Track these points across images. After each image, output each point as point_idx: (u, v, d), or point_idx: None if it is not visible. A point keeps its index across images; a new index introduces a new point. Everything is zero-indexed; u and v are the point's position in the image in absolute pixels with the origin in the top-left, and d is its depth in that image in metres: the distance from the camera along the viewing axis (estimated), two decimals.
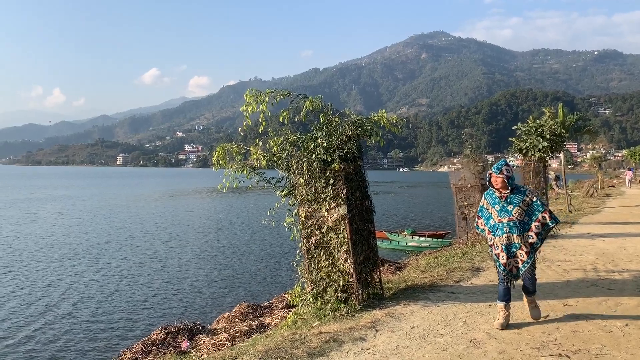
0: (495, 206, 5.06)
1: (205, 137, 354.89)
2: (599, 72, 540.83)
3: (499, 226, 4.99)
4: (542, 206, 4.97)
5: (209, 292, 13.50)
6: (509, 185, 4.98)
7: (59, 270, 16.13)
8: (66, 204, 43.04)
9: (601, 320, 5.29)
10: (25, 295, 13.22)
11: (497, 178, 4.97)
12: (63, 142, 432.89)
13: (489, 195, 5.17)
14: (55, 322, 10.99)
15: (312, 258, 6.21)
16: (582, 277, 7.44)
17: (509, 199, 4.98)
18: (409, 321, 5.45)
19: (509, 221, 4.93)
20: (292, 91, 6.46)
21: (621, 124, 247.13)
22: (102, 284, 14.41)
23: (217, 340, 6.81)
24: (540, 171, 14.38)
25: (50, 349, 9.47)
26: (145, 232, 25.26)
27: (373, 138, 6.47)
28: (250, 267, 16.74)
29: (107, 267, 16.73)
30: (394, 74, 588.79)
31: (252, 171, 6.66)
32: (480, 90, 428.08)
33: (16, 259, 17.86)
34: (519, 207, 4.93)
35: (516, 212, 4.92)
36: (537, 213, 4.95)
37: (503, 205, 4.99)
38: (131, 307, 12.15)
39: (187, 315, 11.08)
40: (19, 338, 10.01)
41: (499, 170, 4.96)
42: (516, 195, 4.99)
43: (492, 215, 5.10)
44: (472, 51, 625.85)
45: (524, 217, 4.94)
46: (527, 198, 4.98)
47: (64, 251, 19.58)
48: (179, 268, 16.58)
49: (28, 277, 15.12)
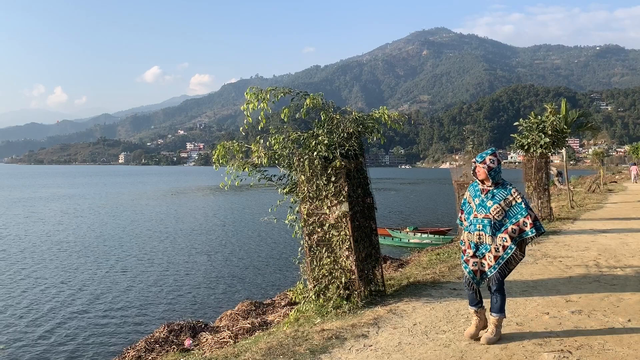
0: (475, 199, 4.61)
1: (207, 135, 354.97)
2: (600, 67, 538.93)
3: (473, 221, 4.55)
4: (526, 210, 4.41)
5: (211, 290, 13.53)
6: (492, 178, 4.48)
7: (60, 270, 16.17)
8: (70, 202, 43.13)
9: (603, 316, 5.29)
10: (27, 293, 13.25)
11: (480, 168, 4.50)
12: (65, 141, 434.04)
13: (473, 187, 4.72)
14: (56, 320, 11.02)
15: (314, 255, 6.21)
16: (585, 273, 7.43)
17: (490, 193, 4.51)
18: (411, 318, 5.45)
19: (484, 218, 4.45)
20: (293, 89, 6.46)
21: (623, 120, 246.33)
22: (104, 282, 14.45)
23: (220, 338, 6.82)
24: (542, 167, 14.35)
25: (52, 347, 9.50)
26: (147, 230, 25.30)
27: (374, 135, 6.47)
28: (253, 265, 16.77)
29: (110, 265, 16.76)
30: (395, 71, 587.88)
31: (254, 169, 6.66)
32: (482, 86, 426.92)
33: (20, 259, 17.91)
34: (499, 205, 4.42)
35: (494, 210, 4.42)
36: (519, 216, 4.42)
37: (482, 200, 4.52)
38: (134, 305, 12.19)
39: (189, 313, 11.11)
40: (19, 336, 10.05)
41: (481, 160, 4.51)
42: (499, 191, 4.49)
43: (472, 208, 4.66)
44: (473, 47, 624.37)
45: (502, 217, 4.43)
46: (510, 197, 4.45)
47: (66, 250, 19.62)
48: (181, 266, 16.61)
49: (31, 275, 15.16)
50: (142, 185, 77.05)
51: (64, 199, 47.44)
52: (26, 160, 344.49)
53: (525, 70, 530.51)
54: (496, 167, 4.47)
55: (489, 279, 4.46)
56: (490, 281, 4.47)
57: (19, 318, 11.19)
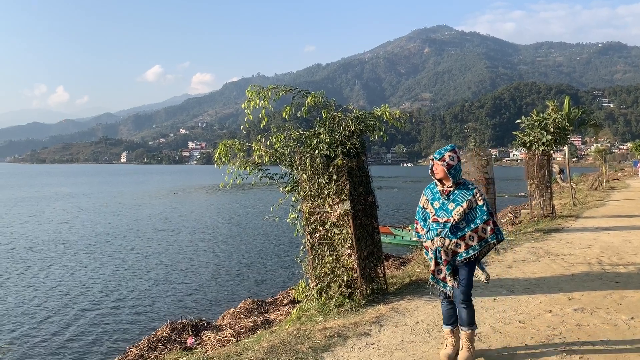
0: (435, 202, 4.14)
1: (209, 134, 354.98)
2: (603, 64, 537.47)
3: (432, 226, 4.09)
4: (487, 214, 4.01)
5: (213, 289, 13.55)
6: (452, 177, 4.04)
7: (64, 269, 16.21)
8: (73, 201, 43.23)
9: (606, 314, 5.28)
10: (31, 292, 13.30)
11: (438, 165, 4.06)
12: (67, 141, 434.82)
13: (430, 189, 4.24)
14: (59, 320, 11.06)
15: (316, 254, 6.21)
16: (587, 270, 7.42)
17: (451, 195, 4.06)
18: (414, 316, 5.44)
19: (446, 222, 4.01)
20: (295, 87, 6.44)
21: (626, 117, 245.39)
22: (107, 281, 14.48)
23: (222, 336, 6.83)
24: (544, 165, 14.32)
25: (53, 346, 9.53)
26: (149, 229, 25.34)
27: (376, 133, 6.47)
28: (255, 264, 16.78)
29: (113, 265, 16.80)
30: (397, 69, 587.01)
31: (255, 168, 6.65)
32: (484, 84, 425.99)
33: (25, 258, 17.96)
34: (462, 207, 4.00)
35: (457, 213, 3.99)
36: (478, 221, 4.00)
37: (444, 203, 4.07)
38: (136, 303, 12.22)
39: (192, 311, 11.13)
40: (19, 335, 10.08)
41: (440, 156, 4.05)
42: (461, 192, 4.06)
43: (429, 214, 4.17)
44: (475, 45, 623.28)
45: (462, 220, 4.01)
46: (472, 198, 4.03)
47: (70, 249, 19.67)
48: (183, 265, 16.63)
49: (36, 274, 15.20)
50: (145, 184, 77.17)
51: (67, 198, 47.56)
52: (28, 159, 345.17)
53: (527, 67, 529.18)
54: (456, 165, 4.04)
55: (455, 288, 4.04)
56: (456, 292, 4.05)
57: (25, 317, 11.24)
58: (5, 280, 14.67)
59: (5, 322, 10.94)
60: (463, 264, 4.03)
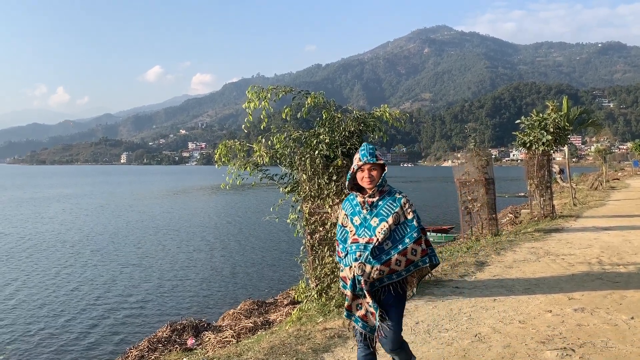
0: (355, 218, 3.16)
1: (209, 134, 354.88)
2: (602, 64, 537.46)
3: (351, 249, 3.08)
4: (417, 231, 3.08)
5: (213, 289, 13.55)
6: (376, 185, 3.15)
7: (63, 269, 16.20)
8: (74, 202, 43.20)
9: (606, 314, 5.28)
10: (30, 292, 13.28)
11: (374, 172, 3.15)
12: (67, 142, 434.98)
13: (349, 202, 3.28)
14: (58, 321, 11.05)
15: (316, 254, 6.21)
16: (587, 270, 7.42)
17: (375, 207, 3.12)
18: (414, 316, 5.44)
19: (368, 243, 3.03)
20: (295, 87, 6.45)
21: (625, 117, 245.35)
22: (107, 281, 14.47)
23: (223, 337, 6.84)
24: (544, 165, 14.32)
25: (54, 346, 9.53)
26: (149, 230, 25.34)
27: (376, 134, 6.47)
28: (255, 264, 16.78)
29: (113, 265, 16.79)
30: (397, 69, 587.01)
31: (255, 168, 6.66)
32: (484, 84, 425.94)
33: (25, 257, 17.96)
34: (386, 223, 3.05)
35: (381, 230, 3.04)
36: (407, 241, 3.05)
37: (365, 218, 3.12)
38: (137, 304, 12.21)
39: (192, 312, 11.12)
40: (19, 336, 10.07)
41: (371, 155, 3.14)
42: (386, 202, 3.13)
43: (349, 233, 3.17)
44: (475, 45, 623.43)
45: (387, 240, 3.05)
46: (400, 210, 3.10)
47: (70, 249, 19.65)
48: (183, 265, 16.63)
49: (35, 275, 15.20)
50: (145, 184, 77.16)
51: (68, 198, 47.54)
52: (28, 160, 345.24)
53: (527, 67, 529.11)
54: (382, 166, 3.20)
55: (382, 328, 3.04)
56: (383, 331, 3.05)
57: (25, 317, 11.22)
58: (5, 280, 14.66)
59: (5, 322, 10.93)
60: (392, 303, 3.07)
